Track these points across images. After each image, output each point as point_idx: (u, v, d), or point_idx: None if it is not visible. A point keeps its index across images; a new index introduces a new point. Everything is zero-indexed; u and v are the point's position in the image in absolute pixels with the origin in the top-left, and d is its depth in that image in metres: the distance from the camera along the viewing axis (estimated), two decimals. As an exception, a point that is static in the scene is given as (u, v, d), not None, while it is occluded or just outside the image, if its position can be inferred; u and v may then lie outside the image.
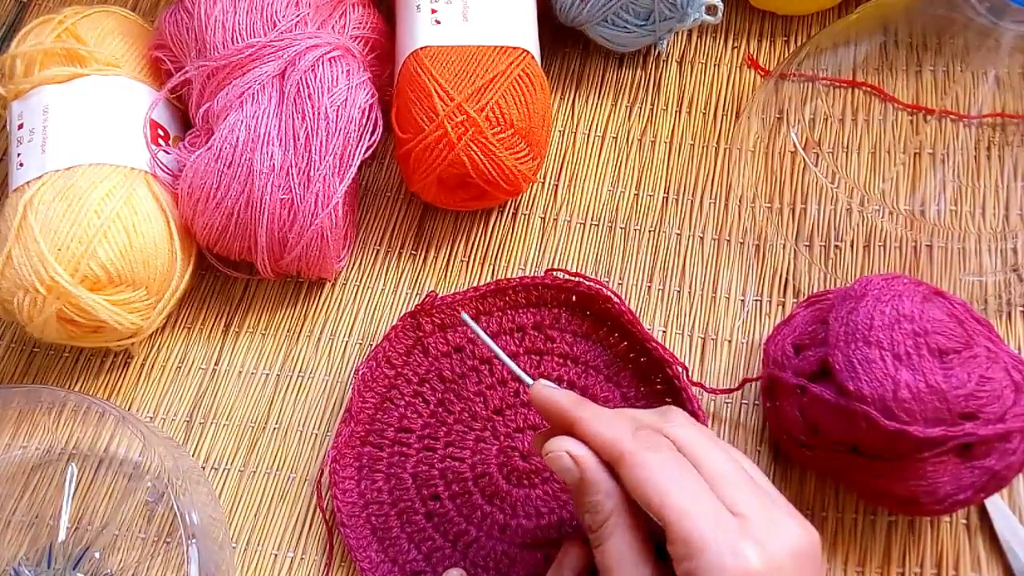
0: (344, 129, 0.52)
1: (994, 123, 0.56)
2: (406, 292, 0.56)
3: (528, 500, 0.49)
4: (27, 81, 0.55)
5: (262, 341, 0.56)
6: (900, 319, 0.43)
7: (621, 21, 0.58)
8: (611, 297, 0.52)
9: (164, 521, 0.50)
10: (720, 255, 0.56)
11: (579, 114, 0.61)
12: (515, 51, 0.53)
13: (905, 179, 0.56)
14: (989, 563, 0.47)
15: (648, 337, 0.51)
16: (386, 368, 0.53)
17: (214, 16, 0.53)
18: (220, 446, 0.53)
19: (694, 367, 0.53)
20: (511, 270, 0.57)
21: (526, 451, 0.50)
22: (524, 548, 0.48)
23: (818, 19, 0.63)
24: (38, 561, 0.49)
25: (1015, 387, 0.43)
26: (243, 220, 0.52)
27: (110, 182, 0.51)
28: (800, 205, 0.56)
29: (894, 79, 0.58)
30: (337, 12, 0.56)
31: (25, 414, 0.53)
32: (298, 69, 0.52)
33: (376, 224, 0.59)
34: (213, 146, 0.52)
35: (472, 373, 0.52)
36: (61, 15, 0.56)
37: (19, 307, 0.50)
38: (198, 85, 0.54)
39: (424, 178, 0.53)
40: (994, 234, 0.53)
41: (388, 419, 0.52)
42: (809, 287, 0.54)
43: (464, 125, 0.51)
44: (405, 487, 0.50)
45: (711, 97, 0.61)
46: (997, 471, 0.43)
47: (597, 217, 0.58)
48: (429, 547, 0.49)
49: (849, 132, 0.58)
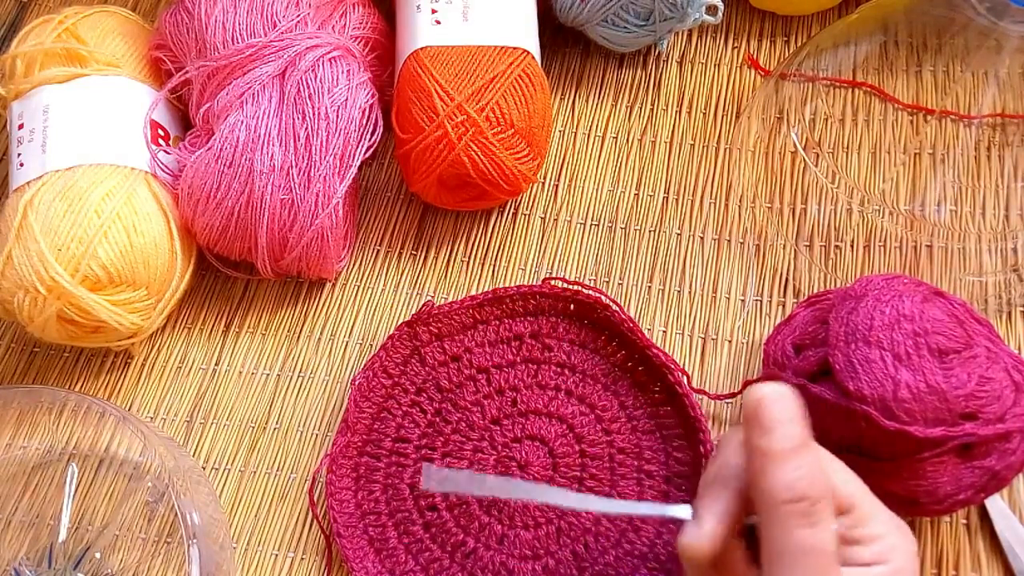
0: (344, 129, 0.52)
1: (994, 123, 0.56)
2: (406, 292, 0.56)
3: (526, 510, 0.49)
4: (27, 81, 0.55)
5: (262, 341, 0.56)
6: (900, 319, 0.43)
7: (621, 21, 0.58)
8: (610, 305, 0.52)
9: (165, 521, 0.50)
10: (720, 255, 0.56)
11: (579, 114, 0.61)
12: (515, 51, 0.53)
13: (905, 179, 0.56)
14: (989, 563, 0.47)
15: (649, 344, 0.51)
16: (383, 378, 0.52)
17: (214, 16, 0.53)
18: (220, 446, 0.53)
19: (694, 367, 0.53)
20: (511, 270, 0.57)
21: (523, 461, 0.50)
22: (523, 559, 0.48)
23: (818, 19, 0.63)
24: (39, 561, 0.49)
25: (1015, 387, 0.43)
26: (243, 220, 0.52)
27: (110, 182, 0.51)
28: (800, 205, 0.56)
29: (894, 79, 0.58)
30: (337, 12, 0.56)
31: (25, 414, 0.53)
32: (298, 69, 0.52)
33: (376, 224, 0.59)
34: (213, 146, 0.52)
35: (469, 383, 0.52)
36: (61, 15, 0.56)
37: (19, 307, 0.50)
38: (198, 85, 0.54)
39: (424, 178, 0.53)
40: (994, 234, 0.53)
41: (385, 429, 0.52)
42: (809, 287, 0.54)
43: (464, 125, 0.51)
44: (402, 497, 0.50)
45: (711, 97, 0.61)
46: (997, 471, 0.43)
47: (597, 217, 0.58)
48: (427, 558, 0.49)
49: (849, 132, 0.58)
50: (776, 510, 0.34)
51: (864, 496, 0.37)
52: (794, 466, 0.34)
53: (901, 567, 0.36)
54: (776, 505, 0.34)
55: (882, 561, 0.36)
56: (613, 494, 0.49)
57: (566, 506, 0.42)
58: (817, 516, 0.34)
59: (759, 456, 0.34)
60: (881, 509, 0.37)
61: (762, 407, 0.35)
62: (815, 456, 0.35)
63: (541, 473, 0.49)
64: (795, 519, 0.33)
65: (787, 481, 0.34)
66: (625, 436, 0.50)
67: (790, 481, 0.34)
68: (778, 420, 0.34)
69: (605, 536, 0.48)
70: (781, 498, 0.34)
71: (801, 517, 0.33)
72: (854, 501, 0.36)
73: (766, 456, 0.34)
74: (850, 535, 0.36)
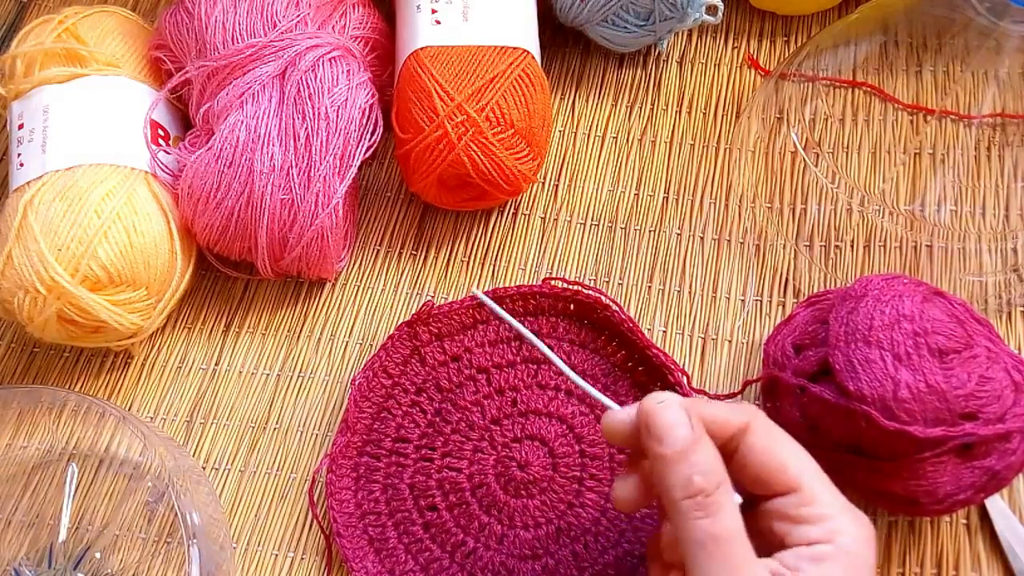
0: (344, 129, 0.52)
1: (994, 123, 0.56)
2: (406, 292, 0.56)
3: (526, 510, 0.49)
4: (27, 81, 0.55)
5: (262, 341, 0.56)
6: (900, 319, 0.43)
7: (621, 21, 0.58)
8: (610, 305, 0.52)
9: (165, 521, 0.50)
10: (720, 255, 0.56)
11: (579, 114, 0.61)
12: (515, 51, 0.53)
13: (905, 179, 0.56)
14: (989, 563, 0.47)
15: (649, 344, 0.51)
16: (383, 378, 0.52)
17: (214, 16, 0.53)
18: (220, 446, 0.53)
19: (694, 367, 0.53)
20: (511, 270, 0.57)
21: (523, 461, 0.50)
22: (522, 559, 0.48)
23: (818, 19, 0.63)
24: (39, 561, 0.49)
25: (1015, 387, 0.43)
26: (243, 220, 0.52)
27: (110, 182, 0.51)
28: (800, 205, 0.56)
29: (894, 79, 0.58)
30: (337, 12, 0.56)
31: (25, 414, 0.53)
32: (298, 69, 0.52)
33: (376, 224, 0.59)
34: (213, 146, 0.52)
35: (469, 383, 0.52)
36: (61, 15, 0.56)
37: (19, 307, 0.50)
38: (198, 85, 0.54)
39: (424, 178, 0.53)
40: (994, 234, 0.53)
41: (385, 429, 0.52)
42: (809, 287, 0.54)
43: (464, 125, 0.51)
44: (402, 497, 0.50)
45: (711, 97, 0.61)
46: (997, 471, 0.43)
47: (597, 217, 0.58)
48: (426, 558, 0.49)
49: (849, 132, 0.58)
50: (677, 506, 0.36)
51: (814, 477, 0.38)
52: (687, 465, 0.37)
53: (850, 549, 0.36)
54: (676, 502, 0.36)
55: (828, 540, 0.36)
56: None
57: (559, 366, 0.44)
58: (713, 506, 0.36)
59: (657, 461, 0.38)
60: (831, 491, 0.38)
61: (650, 418, 0.38)
62: (707, 452, 0.37)
63: (541, 473, 0.49)
64: (693, 511, 0.36)
65: (681, 480, 0.37)
66: (625, 436, 0.50)
67: (684, 479, 0.36)
68: (665, 426, 0.37)
69: (605, 536, 0.48)
70: (678, 496, 0.36)
71: (698, 509, 0.36)
72: (801, 482, 0.37)
73: (661, 460, 0.37)
74: (795, 514, 0.37)
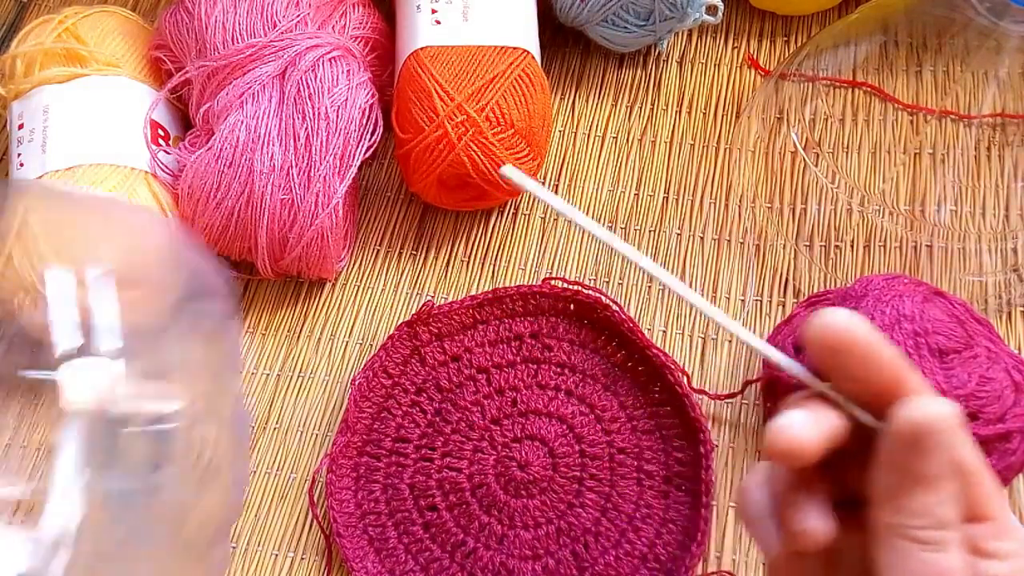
0: (344, 129, 0.52)
1: (994, 123, 0.56)
2: (406, 292, 0.56)
3: (526, 510, 0.49)
4: (27, 81, 0.55)
5: (262, 341, 0.56)
6: (900, 319, 0.43)
7: (621, 21, 0.58)
8: (610, 305, 0.52)
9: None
10: (720, 255, 0.56)
11: (579, 114, 0.61)
12: (515, 51, 0.53)
13: (905, 179, 0.56)
14: (989, 563, 0.47)
15: (649, 344, 0.51)
16: (383, 378, 0.52)
17: (214, 16, 0.53)
18: (220, 446, 0.53)
19: (694, 368, 0.53)
20: (511, 270, 0.57)
21: (523, 461, 0.50)
22: (522, 559, 0.48)
23: (818, 19, 0.63)
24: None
25: (1015, 387, 0.43)
26: (243, 220, 0.52)
27: (110, 182, 0.51)
28: (800, 205, 0.56)
29: (894, 79, 0.58)
30: (337, 12, 0.56)
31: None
32: (298, 69, 0.52)
33: (376, 224, 0.59)
34: (213, 146, 0.52)
35: (469, 383, 0.52)
36: (61, 15, 0.56)
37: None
38: (198, 85, 0.54)
39: (424, 178, 0.53)
40: (994, 234, 0.53)
41: (385, 429, 0.52)
42: (809, 287, 0.54)
43: (464, 125, 0.51)
44: (402, 497, 0.50)
45: (711, 97, 0.61)
46: (997, 471, 0.43)
47: (597, 217, 0.58)
48: (427, 558, 0.49)
49: (849, 132, 0.58)
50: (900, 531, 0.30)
51: (1004, 506, 0.32)
52: (942, 497, 0.30)
53: None
54: (901, 526, 0.30)
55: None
56: (613, 494, 0.49)
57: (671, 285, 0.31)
58: (949, 542, 0.30)
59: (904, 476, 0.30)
60: (1018, 523, 0.33)
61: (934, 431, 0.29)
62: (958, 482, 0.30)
63: (541, 473, 0.49)
64: (923, 543, 0.30)
65: (928, 506, 0.30)
66: (625, 436, 0.50)
67: (931, 505, 0.30)
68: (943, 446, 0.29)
69: (605, 536, 0.48)
70: (916, 523, 0.30)
71: (930, 541, 0.30)
72: (996, 512, 0.32)
73: (914, 478, 0.30)
74: (986, 547, 0.32)
